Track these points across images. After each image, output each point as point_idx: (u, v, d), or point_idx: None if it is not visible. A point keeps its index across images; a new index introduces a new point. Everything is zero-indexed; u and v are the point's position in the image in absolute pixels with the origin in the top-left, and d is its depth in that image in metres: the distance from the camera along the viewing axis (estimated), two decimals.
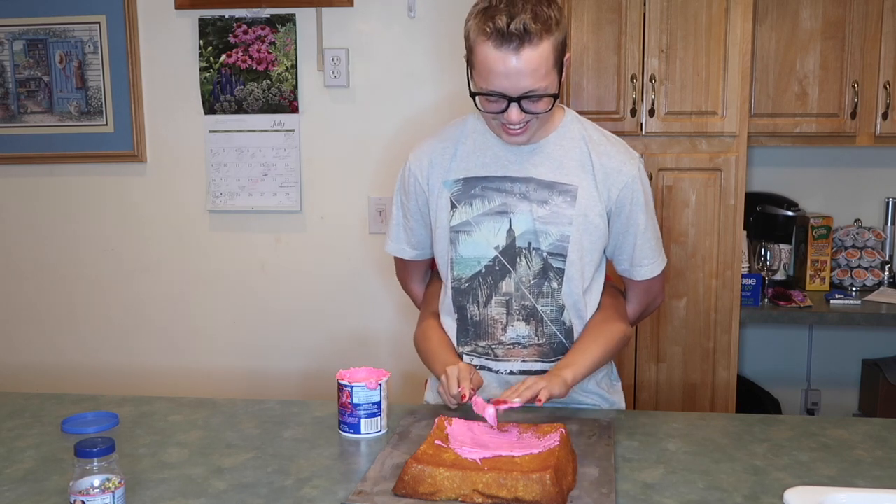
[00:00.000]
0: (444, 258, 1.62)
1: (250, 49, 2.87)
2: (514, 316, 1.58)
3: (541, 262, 1.55)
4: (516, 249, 1.56)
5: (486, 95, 1.44)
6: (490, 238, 1.56)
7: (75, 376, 3.13)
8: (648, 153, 2.51)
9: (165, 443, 1.43)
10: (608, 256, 1.66)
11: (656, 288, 1.70)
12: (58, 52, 2.97)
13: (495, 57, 1.39)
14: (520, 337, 1.59)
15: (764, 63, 2.76)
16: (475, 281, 1.59)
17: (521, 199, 1.55)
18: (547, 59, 1.40)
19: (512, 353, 1.60)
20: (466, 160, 1.59)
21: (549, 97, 1.44)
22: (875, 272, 2.95)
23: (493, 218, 1.56)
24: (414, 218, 1.67)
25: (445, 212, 1.59)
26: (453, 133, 1.63)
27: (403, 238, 1.71)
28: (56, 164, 3.05)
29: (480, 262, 1.58)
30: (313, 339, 3.02)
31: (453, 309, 1.63)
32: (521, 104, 1.43)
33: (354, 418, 1.44)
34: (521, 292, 1.57)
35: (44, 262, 3.11)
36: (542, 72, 1.40)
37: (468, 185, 1.58)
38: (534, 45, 1.38)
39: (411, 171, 1.64)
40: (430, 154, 1.62)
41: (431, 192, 1.61)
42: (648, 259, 1.63)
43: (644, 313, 1.76)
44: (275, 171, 2.93)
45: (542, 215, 1.54)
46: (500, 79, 1.40)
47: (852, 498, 1.16)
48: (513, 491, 1.16)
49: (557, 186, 1.54)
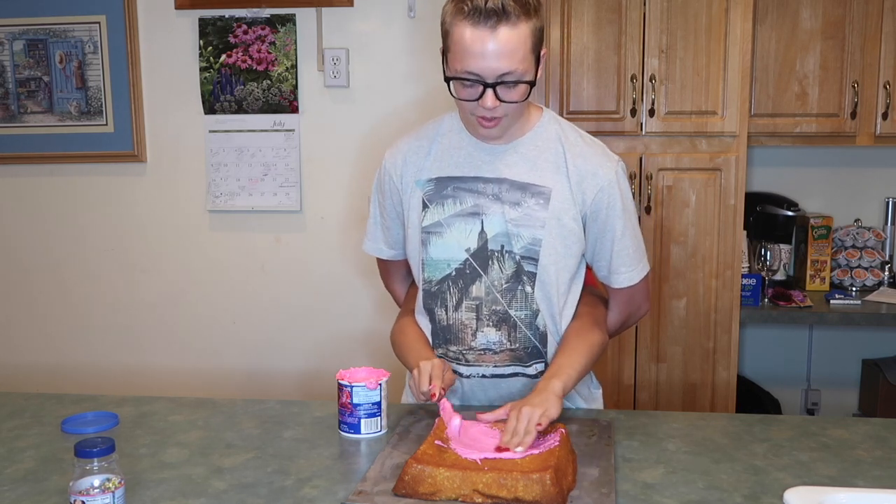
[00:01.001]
0: (415, 259, 1.59)
1: (250, 49, 2.87)
2: (484, 321, 1.54)
3: (514, 265, 1.51)
4: (488, 252, 1.51)
5: (461, 79, 1.40)
6: (461, 240, 1.52)
7: (75, 376, 3.13)
8: (648, 153, 2.51)
9: (165, 443, 1.43)
10: (588, 262, 1.61)
11: (639, 297, 1.63)
12: (58, 52, 2.97)
13: (472, 36, 1.35)
14: (490, 343, 1.55)
15: (764, 63, 2.76)
16: (445, 284, 1.55)
17: (493, 200, 1.51)
18: (524, 42, 1.37)
19: (483, 359, 1.56)
20: (440, 159, 1.55)
21: (526, 84, 1.40)
22: (875, 272, 2.95)
23: (465, 219, 1.52)
24: (390, 217, 1.64)
25: (417, 212, 1.55)
26: (429, 132, 1.60)
27: (381, 237, 1.68)
28: (56, 164, 3.05)
29: (450, 264, 1.53)
30: (313, 339, 3.02)
31: (424, 311, 1.60)
32: (496, 90, 1.39)
33: (354, 418, 1.44)
34: (493, 296, 1.53)
35: (44, 262, 3.11)
36: (520, 55, 1.37)
37: (440, 184, 1.54)
38: (511, 25, 1.35)
39: (386, 170, 1.61)
40: (405, 152, 1.59)
41: (405, 191, 1.58)
42: (626, 266, 1.56)
43: (626, 323, 1.69)
44: (275, 171, 2.93)
45: (515, 217, 1.50)
46: (475, 59, 1.36)
47: (852, 498, 1.16)
48: (513, 491, 1.16)
49: (530, 188, 1.50)
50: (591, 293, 1.66)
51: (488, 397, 1.59)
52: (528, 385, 1.56)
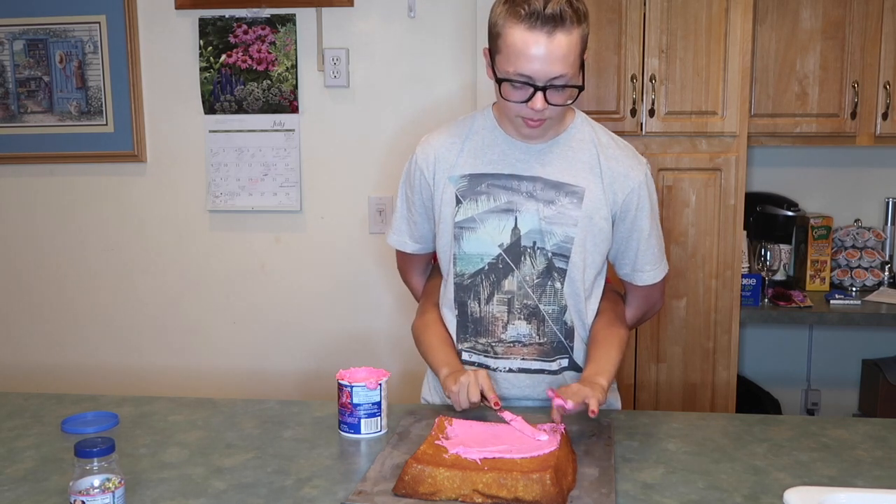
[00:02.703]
0: (446, 253, 1.62)
1: (250, 49, 2.87)
2: (516, 314, 1.58)
3: (545, 261, 1.56)
4: (521, 248, 1.56)
5: (512, 81, 1.43)
6: (495, 235, 1.56)
7: (75, 376, 3.13)
8: (648, 153, 2.51)
9: (165, 443, 1.43)
10: (611, 260, 1.66)
11: (657, 294, 1.70)
12: (58, 52, 2.97)
13: (527, 39, 1.39)
14: (520, 335, 1.59)
15: (764, 63, 2.76)
16: (478, 278, 1.59)
17: (527, 197, 1.55)
18: (576, 47, 1.42)
19: (512, 352, 1.60)
20: (473, 156, 1.59)
21: (574, 88, 1.45)
22: (875, 272, 2.95)
23: (499, 216, 1.56)
24: (418, 212, 1.67)
25: (450, 207, 1.59)
26: (461, 129, 1.63)
27: (406, 231, 1.71)
28: (56, 164, 3.05)
29: (484, 259, 1.57)
30: (313, 339, 3.02)
31: (454, 304, 1.63)
32: (545, 93, 1.42)
33: (354, 418, 1.44)
34: (524, 291, 1.57)
35: (43, 263, 3.11)
36: (571, 59, 1.41)
37: (474, 181, 1.58)
38: (566, 31, 1.39)
39: (417, 165, 1.64)
40: (437, 148, 1.62)
41: (437, 187, 1.61)
42: (650, 265, 1.63)
43: (643, 318, 1.76)
44: (275, 171, 2.93)
45: (548, 215, 1.54)
46: (529, 63, 1.40)
47: (852, 498, 1.16)
48: (513, 491, 1.16)
49: (564, 187, 1.54)
50: (610, 290, 1.71)
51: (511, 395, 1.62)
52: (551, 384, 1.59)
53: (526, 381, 1.61)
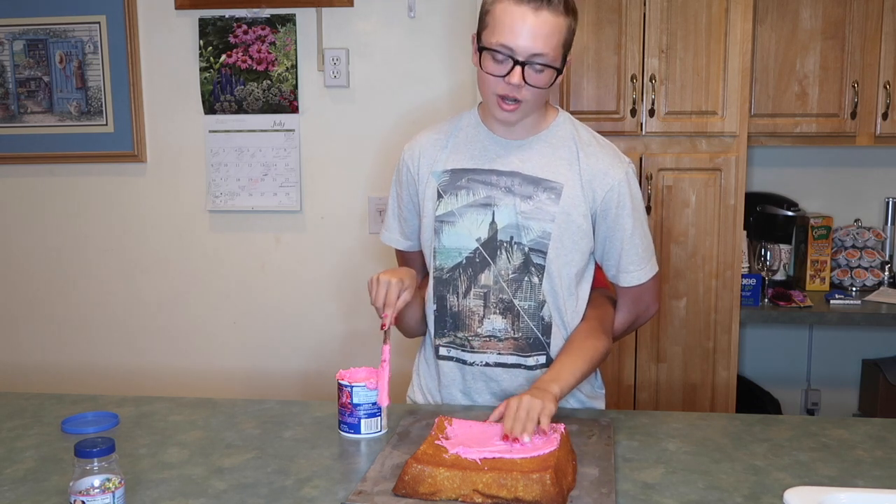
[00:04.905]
0: (428, 248, 1.64)
1: (250, 49, 2.87)
2: (491, 308, 1.59)
3: (522, 256, 1.56)
4: (497, 242, 1.57)
5: (493, 51, 1.45)
6: (472, 230, 1.58)
7: (75, 376, 3.13)
8: (648, 153, 2.51)
9: (165, 443, 1.43)
10: (598, 260, 1.65)
11: (648, 297, 1.67)
12: (58, 52, 2.97)
13: (514, 11, 1.42)
14: (496, 330, 1.59)
15: (764, 63, 2.76)
16: (456, 272, 1.60)
17: (505, 192, 1.56)
18: (560, 31, 1.44)
19: (488, 346, 1.60)
20: (456, 152, 1.61)
21: (552, 70, 1.46)
22: (875, 272, 2.95)
23: (477, 210, 1.57)
24: (407, 208, 1.70)
25: (432, 201, 1.61)
26: (447, 126, 1.66)
27: (397, 228, 1.73)
28: (56, 164, 3.05)
29: (462, 253, 1.59)
30: (313, 339, 3.02)
31: (434, 298, 1.64)
32: (524, 70, 1.44)
33: (354, 418, 1.44)
34: (500, 285, 1.58)
35: (43, 263, 3.11)
36: (554, 41, 1.43)
37: (455, 176, 1.59)
38: (552, 11, 1.43)
39: (404, 161, 1.68)
40: (423, 145, 1.65)
41: (420, 182, 1.64)
42: (635, 266, 1.61)
43: (635, 323, 1.72)
44: (275, 171, 2.93)
45: (526, 210, 1.55)
46: (512, 35, 1.42)
47: (852, 498, 1.16)
48: (513, 491, 1.16)
49: (543, 183, 1.55)
50: (602, 295, 1.69)
51: (489, 389, 1.63)
52: (529, 379, 1.59)
53: (503, 375, 1.61)
